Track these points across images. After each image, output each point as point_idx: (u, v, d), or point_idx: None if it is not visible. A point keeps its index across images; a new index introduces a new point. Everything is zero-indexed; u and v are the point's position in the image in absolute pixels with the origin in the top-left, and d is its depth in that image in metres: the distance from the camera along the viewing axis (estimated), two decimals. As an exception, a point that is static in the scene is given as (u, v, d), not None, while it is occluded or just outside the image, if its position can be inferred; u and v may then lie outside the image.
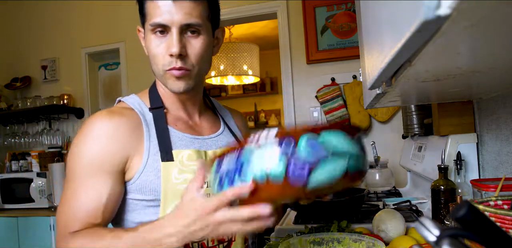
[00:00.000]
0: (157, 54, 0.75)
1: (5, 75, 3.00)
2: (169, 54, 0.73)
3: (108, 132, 0.73)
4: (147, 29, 0.76)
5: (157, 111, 0.81)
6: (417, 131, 1.47)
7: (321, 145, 0.50)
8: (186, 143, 0.81)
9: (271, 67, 4.42)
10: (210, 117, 0.93)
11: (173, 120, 0.83)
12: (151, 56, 0.77)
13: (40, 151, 2.71)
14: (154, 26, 0.73)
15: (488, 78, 0.68)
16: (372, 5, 0.59)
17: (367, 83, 0.79)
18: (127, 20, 2.71)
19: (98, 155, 0.72)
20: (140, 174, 0.75)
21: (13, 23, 3.04)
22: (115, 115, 0.75)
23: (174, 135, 0.80)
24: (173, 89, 0.77)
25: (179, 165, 0.76)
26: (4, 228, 2.34)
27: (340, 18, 2.20)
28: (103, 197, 0.71)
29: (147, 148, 0.76)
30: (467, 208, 0.32)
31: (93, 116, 0.76)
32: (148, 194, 0.75)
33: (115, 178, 0.73)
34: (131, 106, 0.80)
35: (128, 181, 0.76)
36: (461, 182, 1.11)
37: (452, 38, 0.35)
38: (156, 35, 0.74)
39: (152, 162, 0.75)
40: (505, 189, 0.82)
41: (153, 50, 0.75)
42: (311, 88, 2.28)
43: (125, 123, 0.75)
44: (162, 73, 0.76)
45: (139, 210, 0.77)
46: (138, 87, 2.64)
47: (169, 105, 0.84)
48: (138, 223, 0.76)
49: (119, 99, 0.85)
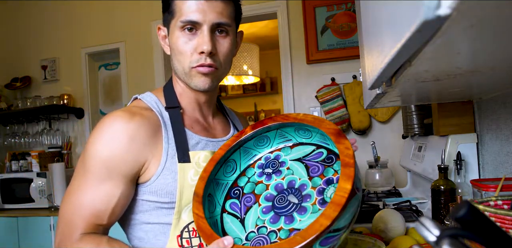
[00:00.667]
0: (185, 51, 0.75)
1: (5, 75, 3.00)
2: (200, 52, 0.74)
3: (129, 135, 0.71)
4: (174, 26, 0.76)
5: (173, 110, 0.80)
6: (417, 131, 1.47)
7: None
8: (202, 146, 0.80)
9: (271, 67, 4.43)
10: (222, 120, 0.93)
11: (189, 122, 0.82)
12: (177, 53, 0.76)
13: (40, 151, 2.71)
14: (185, 23, 0.74)
15: (488, 78, 0.68)
16: (372, 5, 0.59)
17: (367, 83, 0.79)
18: (127, 20, 2.72)
19: (117, 158, 0.70)
20: (157, 177, 0.73)
21: (13, 23, 3.04)
22: (136, 117, 0.73)
23: (191, 138, 0.79)
24: (198, 86, 0.78)
25: (196, 167, 0.75)
26: (4, 228, 2.34)
27: (340, 18, 2.20)
28: (113, 200, 0.70)
29: (165, 150, 0.74)
30: (467, 208, 0.32)
31: (113, 115, 0.73)
32: (164, 197, 0.74)
33: (128, 182, 0.72)
34: (149, 105, 0.79)
35: (143, 183, 0.74)
36: (461, 182, 1.11)
37: (452, 38, 0.35)
38: (184, 32, 0.75)
39: (170, 165, 0.74)
40: (505, 189, 0.82)
41: (180, 47, 0.75)
42: (311, 88, 2.28)
43: (146, 125, 0.73)
44: (187, 70, 0.76)
45: (151, 211, 0.76)
46: (138, 87, 2.66)
47: (185, 105, 0.83)
48: (149, 224, 0.76)
49: (136, 96, 0.83)
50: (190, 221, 0.75)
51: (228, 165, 0.75)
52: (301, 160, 0.70)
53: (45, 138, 2.81)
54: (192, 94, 0.83)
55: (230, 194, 0.73)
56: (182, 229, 0.74)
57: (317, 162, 0.68)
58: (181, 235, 0.74)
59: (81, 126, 2.85)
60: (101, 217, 0.70)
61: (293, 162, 0.71)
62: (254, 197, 0.70)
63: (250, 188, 0.72)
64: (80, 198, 0.70)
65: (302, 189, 0.66)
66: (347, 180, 0.53)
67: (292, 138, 0.73)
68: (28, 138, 2.85)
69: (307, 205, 0.63)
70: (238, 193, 0.73)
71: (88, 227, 0.69)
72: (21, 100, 2.81)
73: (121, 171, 0.70)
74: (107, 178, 0.70)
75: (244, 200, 0.71)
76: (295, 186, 0.67)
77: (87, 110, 2.82)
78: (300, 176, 0.68)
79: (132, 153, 0.71)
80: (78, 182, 0.71)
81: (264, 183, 0.71)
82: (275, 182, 0.70)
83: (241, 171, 0.76)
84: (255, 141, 0.75)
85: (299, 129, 0.71)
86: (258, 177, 0.73)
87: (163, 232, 0.76)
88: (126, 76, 2.73)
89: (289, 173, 0.70)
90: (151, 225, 0.76)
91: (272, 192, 0.69)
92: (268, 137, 0.75)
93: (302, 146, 0.72)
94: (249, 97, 4.61)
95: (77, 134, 2.86)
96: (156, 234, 0.76)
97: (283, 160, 0.72)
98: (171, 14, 0.76)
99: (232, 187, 0.74)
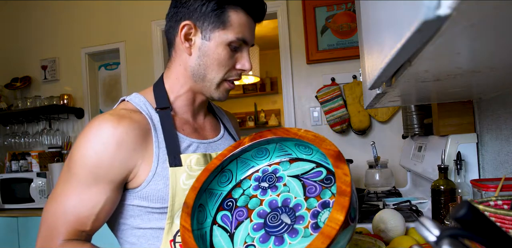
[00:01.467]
0: (226, 65, 0.77)
1: (5, 75, 3.00)
2: (241, 69, 0.79)
3: (116, 140, 0.68)
4: (220, 37, 0.75)
5: (163, 112, 0.78)
6: (417, 131, 1.47)
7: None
8: (193, 149, 0.79)
9: (271, 67, 4.43)
10: (212, 120, 0.92)
11: (180, 123, 0.81)
12: (216, 63, 0.76)
13: (40, 151, 2.71)
14: (238, 41, 0.76)
15: (488, 78, 0.68)
16: (372, 5, 0.59)
17: (367, 83, 0.79)
18: (127, 20, 2.72)
19: (103, 163, 0.68)
20: (148, 183, 0.72)
21: (13, 23, 3.04)
22: (124, 121, 0.70)
23: (182, 141, 0.78)
24: (220, 98, 0.81)
25: (188, 170, 0.74)
26: (4, 228, 2.34)
27: (340, 18, 2.20)
28: (98, 206, 0.69)
29: (156, 155, 0.73)
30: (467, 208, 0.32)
31: (101, 118, 0.71)
32: (156, 202, 0.72)
33: (114, 188, 0.70)
34: (138, 108, 0.77)
35: (133, 188, 0.72)
36: (461, 182, 1.11)
37: (452, 38, 0.35)
38: (231, 46, 0.76)
39: (161, 170, 0.73)
40: (505, 189, 0.82)
41: (225, 61, 0.77)
42: (311, 88, 2.28)
43: (135, 129, 0.71)
44: (219, 80, 0.78)
45: (142, 216, 0.74)
46: (138, 87, 2.65)
47: (177, 107, 0.82)
48: (140, 229, 0.75)
49: (123, 98, 0.81)
50: None
51: (223, 175, 0.73)
52: (299, 177, 0.67)
53: (45, 138, 2.81)
54: (190, 96, 0.82)
55: (223, 206, 0.71)
56: (175, 234, 0.73)
57: (315, 181, 0.65)
58: (174, 240, 0.73)
59: (81, 126, 2.85)
60: (85, 223, 0.68)
61: (290, 178, 0.68)
62: (246, 212, 0.68)
63: (243, 201, 0.70)
64: (64, 203, 0.68)
65: (296, 209, 0.63)
66: (340, 210, 0.50)
67: (292, 153, 0.71)
68: (28, 138, 2.85)
69: (299, 228, 0.61)
70: (231, 205, 0.70)
71: (71, 233, 0.68)
72: (21, 100, 2.81)
73: (108, 177, 0.68)
74: (92, 183, 0.68)
75: (236, 214, 0.68)
76: (289, 205, 0.64)
77: (87, 110, 2.82)
78: (296, 194, 0.65)
79: (119, 159, 0.69)
80: (63, 187, 0.69)
81: (259, 197, 0.69)
82: (270, 198, 0.67)
83: (237, 182, 0.73)
84: (253, 153, 0.73)
85: (300, 144, 0.69)
86: (254, 190, 0.70)
87: (155, 237, 0.74)
88: (126, 76, 2.73)
89: (285, 190, 0.67)
90: (143, 230, 0.75)
91: (265, 208, 0.66)
92: (268, 150, 0.72)
93: (301, 162, 0.69)
94: (249, 97, 4.61)
95: (77, 134, 2.86)
96: (149, 238, 0.75)
97: (280, 175, 0.70)
98: (222, 24, 0.74)
99: (225, 198, 0.71)
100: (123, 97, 0.81)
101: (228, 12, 0.74)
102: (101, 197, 0.69)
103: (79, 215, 0.68)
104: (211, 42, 0.75)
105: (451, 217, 0.33)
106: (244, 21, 0.75)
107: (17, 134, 2.88)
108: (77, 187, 0.68)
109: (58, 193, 0.69)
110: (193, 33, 0.76)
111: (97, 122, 0.70)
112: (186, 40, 0.77)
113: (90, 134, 0.69)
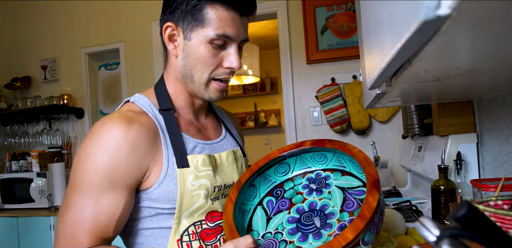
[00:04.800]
0: (211, 64, 0.74)
1: (5, 75, 3.00)
2: (228, 67, 0.75)
3: (131, 143, 0.67)
4: (200, 35, 0.72)
5: (167, 113, 0.77)
6: (417, 131, 1.47)
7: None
8: (199, 150, 0.79)
9: (271, 67, 4.43)
10: (213, 120, 0.92)
11: (184, 124, 0.81)
12: (198, 62, 0.73)
13: (40, 151, 2.71)
14: (219, 37, 0.71)
15: (488, 78, 0.68)
16: (372, 5, 0.58)
17: (367, 83, 0.79)
18: (127, 20, 2.72)
19: (120, 168, 0.66)
20: (159, 184, 0.71)
21: (13, 23, 3.04)
22: (134, 123, 0.69)
23: (188, 142, 0.78)
24: (212, 98, 0.79)
25: (195, 171, 0.74)
26: (4, 228, 2.34)
27: (340, 18, 2.20)
28: (117, 212, 0.67)
29: (166, 156, 0.72)
30: (467, 208, 0.32)
31: (110, 122, 0.68)
32: (166, 203, 0.72)
33: (130, 191, 0.69)
34: (144, 109, 0.75)
35: (144, 190, 0.72)
36: (461, 182, 1.11)
37: (452, 38, 0.35)
38: (213, 44, 0.72)
39: (172, 171, 0.72)
40: (505, 189, 0.82)
41: (208, 60, 0.73)
42: (311, 88, 2.28)
43: (145, 132, 0.70)
44: (205, 80, 0.75)
45: (151, 217, 0.74)
46: (138, 87, 2.66)
47: (179, 108, 0.81)
48: (148, 229, 0.75)
49: (128, 99, 0.79)
50: (189, 224, 0.74)
51: (281, 166, 0.81)
52: (344, 190, 0.73)
53: (45, 138, 2.81)
54: (188, 98, 0.82)
55: (273, 192, 0.80)
56: (182, 233, 0.73)
57: (355, 199, 0.70)
58: (181, 239, 0.73)
59: (81, 126, 2.85)
60: (107, 230, 0.67)
61: (336, 188, 0.74)
62: (289, 204, 0.75)
63: (290, 195, 0.78)
64: (82, 213, 0.65)
65: (329, 217, 0.69)
66: (353, 230, 0.54)
67: (346, 166, 0.77)
68: (28, 138, 2.85)
69: (324, 233, 0.66)
70: (280, 194, 0.79)
71: (94, 241, 0.66)
72: (21, 100, 2.81)
73: (124, 181, 0.67)
74: (109, 189, 0.66)
75: (280, 203, 0.77)
76: (325, 211, 0.70)
77: (87, 110, 2.82)
78: (335, 204, 0.71)
79: (134, 162, 0.68)
80: (76, 196, 0.66)
81: (304, 196, 0.76)
82: (312, 199, 0.74)
83: (291, 176, 0.81)
84: (313, 155, 0.80)
85: (354, 161, 0.74)
86: (302, 188, 0.78)
87: (164, 236, 0.75)
88: (126, 76, 2.73)
89: (327, 197, 0.73)
90: (151, 230, 0.75)
91: (305, 206, 0.73)
92: (326, 156, 0.79)
93: (352, 178, 0.75)
94: (249, 97, 4.61)
95: (77, 134, 2.86)
96: (157, 238, 0.75)
97: (329, 183, 0.76)
98: (200, 22, 0.71)
99: (276, 187, 0.80)
100: (127, 98, 0.80)
101: (205, 9, 0.70)
102: (120, 202, 0.67)
103: (99, 223, 0.66)
104: (191, 41, 0.73)
105: (451, 217, 0.33)
106: (225, 16, 0.70)
107: (17, 134, 2.88)
108: (93, 195, 0.66)
109: (72, 203, 0.66)
110: (176, 34, 0.75)
111: (107, 125, 0.68)
112: (171, 41, 0.76)
113: (101, 139, 0.67)
